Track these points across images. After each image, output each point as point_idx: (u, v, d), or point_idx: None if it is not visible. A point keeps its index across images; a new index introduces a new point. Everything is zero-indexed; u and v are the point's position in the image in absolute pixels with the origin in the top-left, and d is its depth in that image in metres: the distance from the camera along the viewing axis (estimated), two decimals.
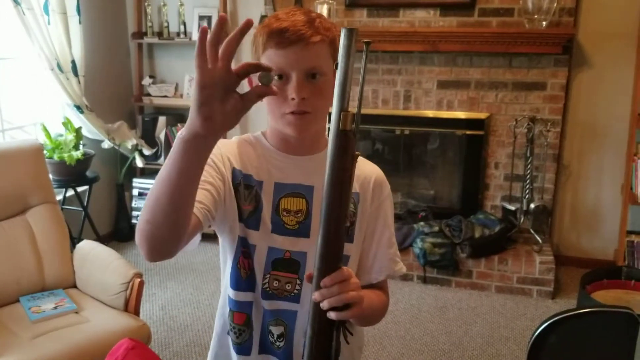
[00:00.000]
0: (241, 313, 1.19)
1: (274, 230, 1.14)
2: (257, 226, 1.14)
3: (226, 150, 1.16)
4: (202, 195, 1.05)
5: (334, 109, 0.91)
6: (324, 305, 0.93)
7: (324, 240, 0.91)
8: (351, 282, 0.94)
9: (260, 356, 1.20)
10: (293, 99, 1.06)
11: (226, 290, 1.20)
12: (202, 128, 0.84)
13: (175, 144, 0.90)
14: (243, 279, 1.17)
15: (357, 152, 0.90)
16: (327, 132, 1.13)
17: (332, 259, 0.93)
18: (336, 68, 0.88)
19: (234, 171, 1.15)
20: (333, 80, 1.06)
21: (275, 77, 1.08)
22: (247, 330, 1.19)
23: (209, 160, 1.11)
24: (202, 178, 1.05)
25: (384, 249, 1.21)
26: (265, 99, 1.10)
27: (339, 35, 1.02)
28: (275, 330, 1.18)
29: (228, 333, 1.22)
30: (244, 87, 0.90)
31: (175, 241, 0.96)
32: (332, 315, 0.93)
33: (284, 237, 1.15)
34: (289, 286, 1.15)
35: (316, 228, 1.14)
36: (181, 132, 0.89)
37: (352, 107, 0.90)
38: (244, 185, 1.15)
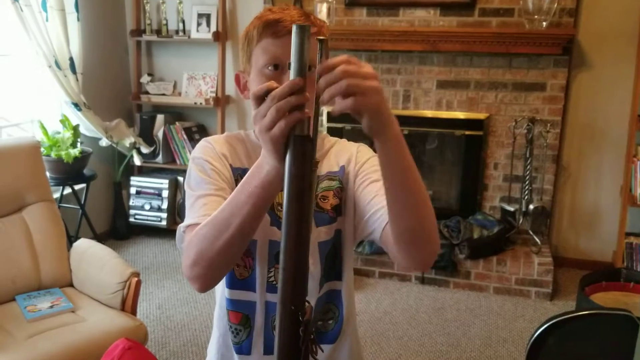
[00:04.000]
0: (237, 312, 1.17)
1: (273, 223, 1.12)
2: None
3: (220, 148, 1.15)
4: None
5: None
6: (324, 97, 0.79)
7: (285, 252, 0.83)
8: (350, 69, 0.78)
9: (265, 357, 1.17)
10: None
11: (223, 290, 1.19)
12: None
13: (255, 179, 0.90)
14: (238, 278, 1.15)
15: (316, 160, 0.84)
16: None
17: (295, 271, 0.84)
18: (289, 67, 0.81)
19: (231, 168, 1.14)
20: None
21: (271, 68, 1.07)
22: (244, 329, 1.17)
23: (210, 166, 1.10)
24: (214, 186, 1.07)
25: (377, 195, 1.12)
26: (260, 80, 1.11)
27: (329, 37, 1.02)
28: None
29: (228, 334, 1.21)
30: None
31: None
32: (336, 108, 0.80)
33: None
34: None
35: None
36: (260, 169, 0.89)
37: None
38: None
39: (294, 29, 0.81)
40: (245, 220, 0.91)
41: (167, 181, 4.10)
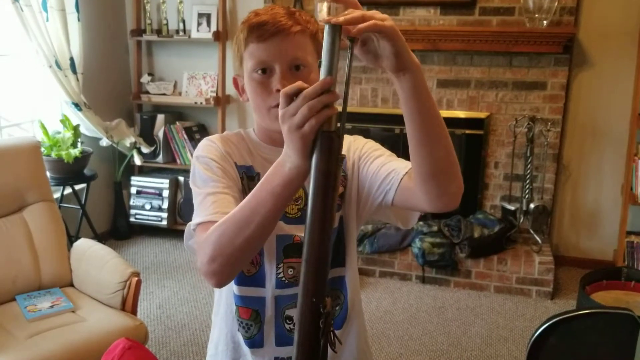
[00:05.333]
0: (246, 308, 1.18)
1: (280, 218, 1.12)
2: None
3: (223, 147, 1.14)
4: (232, 204, 1.03)
5: None
6: (339, 19, 0.83)
7: (309, 246, 0.86)
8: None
9: (277, 348, 1.18)
10: (278, 90, 1.03)
11: (229, 287, 1.18)
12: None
13: (278, 176, 0.90)
14: (246, 275, 1.15)
15: (342, 154, 0.86)
16: None
17: (318, 264, 0.87)
18: (319, 66, 0.84)
19: (236, 166, 1.14)
20: (317, 75, 1.02)
21: (259, 72, 1.07)
22: (255, 324, 1.18)
23: (215, 164, 1.10)
24: (221, 184, 1.07)
25: (380, 165, 1.13)
26: (250, 95, 1.11)
27: (321, 29, 0.99)
28: (294, 312, 1.15)
29: (238, 330, 1.21)
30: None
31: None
32: (360, 27, 0.84)
33: (290, 226, 1.14)
34: None
35: None
36: (284, 168, 0.89)
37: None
38: (247, 178, 1.14)
39: (325, 27, 0.84)
40: (267, 217, 0.92)
41: (167, 181, 4.10)
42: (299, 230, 1.14)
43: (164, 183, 4.11)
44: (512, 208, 3.69)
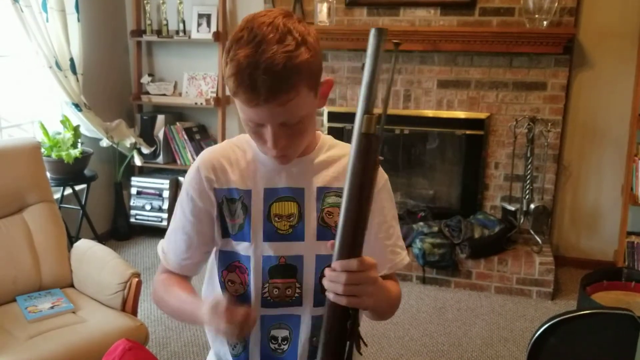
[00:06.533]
0: None
1: (266, 239, 1.12)
2: (248, 237, 1.13)
3: (206, 172, 1.14)
4: (188, 251, 1.20)
5: (358, 111, 0.88)
6: (329, 295, 0.91)
7: (340, 247, 0.88)
8: (362, 275, 0.90)
9: None
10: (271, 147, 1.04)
11: None
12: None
13: (194, 313, 1.11)
14: (233, 295, 1.16)
15: (379, 157, 0.87)
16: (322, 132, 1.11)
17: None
18: (362, 68, 0.85)
19: (215, 192, 1.14)
20: (314, 102, 1.06)
21: (251, 124, 1.04)
22: (240, 343, 1.18)
23: (187, 199, 1.16)
24: (186, 222, 1.17)
25: (381, 242, 1.18)
26: (245, 127, 1.07)
27: (318, 47, 1.00)
28: (279, 333, 1.16)
29: (225, 346, 1.22)
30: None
31: None
32: (339, 301, 0.91)
33: (278, 243, 1.13)
34: (289, 291, 1.14)
35: (311, 230, 1.12)
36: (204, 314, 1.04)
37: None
38: (226, 202, 1.14)
39: (371, 31, 0.85)
40: (180, 320, 1.27)
41: (167, 181, 4.10)
42: (287, 249, 1.13)
43: (164, 184, 4.11)
44: (513, 208, 3.69)
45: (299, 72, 0.97)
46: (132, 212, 4.19)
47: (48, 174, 2.81)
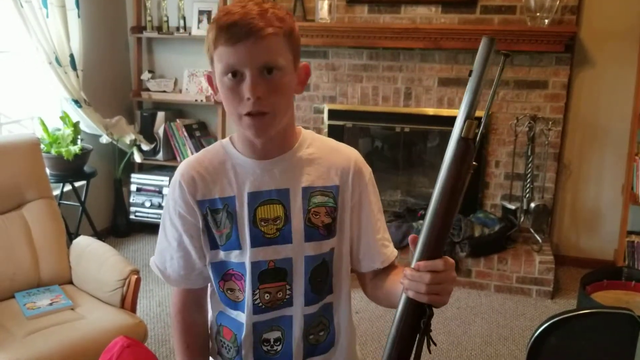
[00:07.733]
0: (228, 329, 1.18)
1: (254, 244, 1.11)
2: (238, 245, 1.11)
3: (186, 184, 1.12)
4: (187, 267, 1.16)
5: (459, 115, 0.89)
6: (409, 293, 0.94)
7: (424, 247, 0.92)
8: (445, 274, 0.93)
9: None
10: (249, 98, 1.00)
11: (216, 308, 1.20)
12: None
13: None
14: (234, 301, 1.16)
15: (474, 163, 0.91)
16: (296, 125, 1.12)
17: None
18: (469, 75, 0.88)
19: (198, 204, 1.12)
20: (293, 75, 1.05)
21: (229, 76, 1.02)
22: (233, 347, 1.18)
23: (173, 213, 1.15)
24: (174, 239, 1.16)
25: (372, 236, 1.18)
26: (222, 99, 1.06)
27: (296, 26, 1.02)
28: (271, 335, 1.16)
29: (219, 352, 1.22)
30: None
31: None
32: (420, 299, 0.93)
33: (266, 248, 1.11)
34: (280, 294, 1.13)
35: (298, 232, 1.11)
36: None
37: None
38: (210, 213, 1.12)
39: (482, 40, 0.88)
40: None
41: (167, 178, 4.09)
42: (275, 252, 1.11)
43: (164, 180, 4.10)
44: (513, 207, 3.68)
45: (281, 20, 1.01)
46: (132, 209, 4.18)
47: (47, 171, 2.81)
